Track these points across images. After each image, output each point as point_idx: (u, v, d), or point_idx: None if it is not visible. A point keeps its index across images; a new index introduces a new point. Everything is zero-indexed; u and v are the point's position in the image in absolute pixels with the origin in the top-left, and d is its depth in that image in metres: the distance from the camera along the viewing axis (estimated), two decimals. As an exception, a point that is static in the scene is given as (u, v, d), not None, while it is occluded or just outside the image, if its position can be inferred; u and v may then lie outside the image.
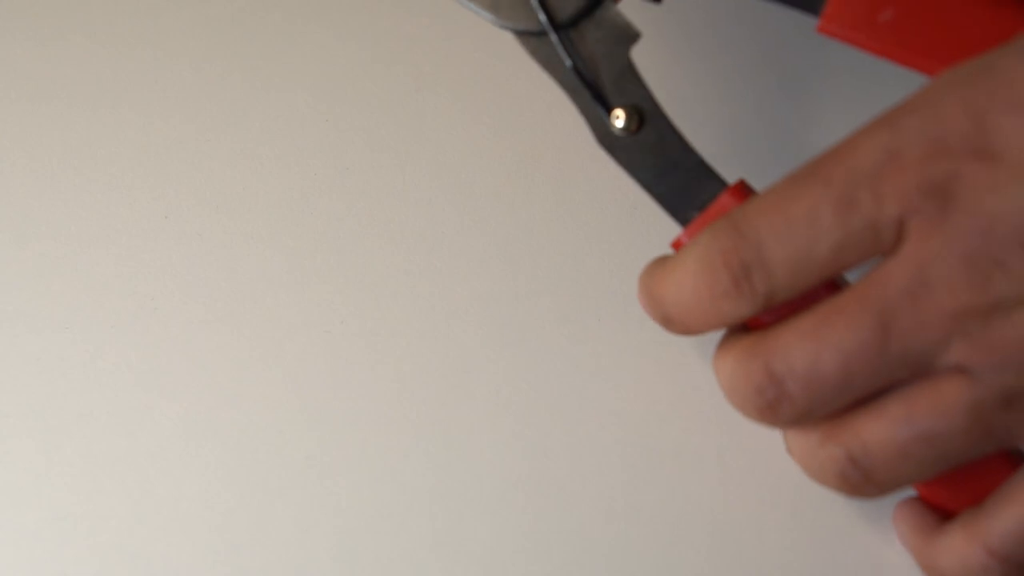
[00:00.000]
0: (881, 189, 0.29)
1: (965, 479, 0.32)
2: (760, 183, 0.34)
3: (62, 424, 0.41)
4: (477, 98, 0.44)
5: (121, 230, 0.44)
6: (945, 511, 0.34)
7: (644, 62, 0.36)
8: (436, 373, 0.41)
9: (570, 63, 0.35)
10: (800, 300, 0.32)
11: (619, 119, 0.35)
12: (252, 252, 0.38)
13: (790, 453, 0.33)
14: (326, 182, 0.44)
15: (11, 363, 0.42)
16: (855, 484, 0.32)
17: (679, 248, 0.34)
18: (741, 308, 0.31)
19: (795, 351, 0.30)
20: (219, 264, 0.42)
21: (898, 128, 0.29)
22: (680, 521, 0.38)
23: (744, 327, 0.33)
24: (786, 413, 0.31)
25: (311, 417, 0.41)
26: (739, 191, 0.34)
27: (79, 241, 0.44)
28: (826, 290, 0.32)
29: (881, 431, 0.31)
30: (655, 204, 0.35)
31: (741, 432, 0.38)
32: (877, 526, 0.37)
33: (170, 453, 0.41)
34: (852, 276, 0.31)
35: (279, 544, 0.39)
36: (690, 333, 0.33)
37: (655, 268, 0.33)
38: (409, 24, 0.45)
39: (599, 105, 0.35)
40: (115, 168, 0.45)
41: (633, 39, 0.35)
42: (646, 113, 0.35)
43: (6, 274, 0.43)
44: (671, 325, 0.33)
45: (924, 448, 0.30)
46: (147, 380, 0.42)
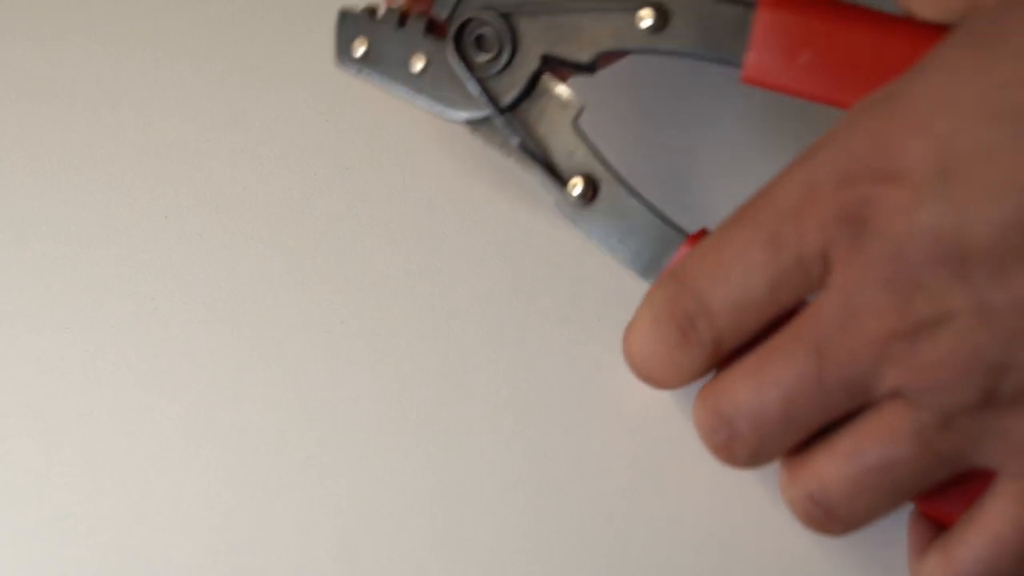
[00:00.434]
0: (802, 223, 0.30)
1: (955, 492, 0.33)
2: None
3: (62, 424, 0.41)
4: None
5: (121, 230, 0.44)
6: (942, 525, 0.34)
7: (592, 130, 0.37)
8: (436, 373, 0.41)
9: (518, 141, 0.36)
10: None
11: (575, 188, 0.36)
12: (252, 252, 0.38)
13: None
14: (326, 182, 0.44)
15: (11, 363, 0.42)
16: (821, 523, 0.32)
17: None
18: (695, 358, 0.32)
19: (740, 390, 0.31)
20: (219, 264, 0.42)
21: (813, 162, 0.30)
22: (681, 522, 0.39)
23: None
24: (741, 452, 0.32)
25: (311, 417, 0.41)
26: (697, 240, 0.35)
27: (79, 241, 0.44)
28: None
29: (835, 468, 0.31)
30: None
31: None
32: (880, 531, 0.37)
33: (170, 453, 0.41)
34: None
35: (279, 544, 0.39)
36: (667, 387, 0.33)
37: (627, 327, 0.34)
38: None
39: (553, 178, 0.36)
40: (115, 168, 0.45)
41: (577, 110, 0.36)
42: (600, 180, 0.36)
43: (6, 274, 0.43)
44: (649, 382, 0.34)
45: (877, 480, 0.31)
46: (147, 380, 0.42)
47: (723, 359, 0.32)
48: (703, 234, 0.35)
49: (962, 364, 0.29)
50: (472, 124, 0.37)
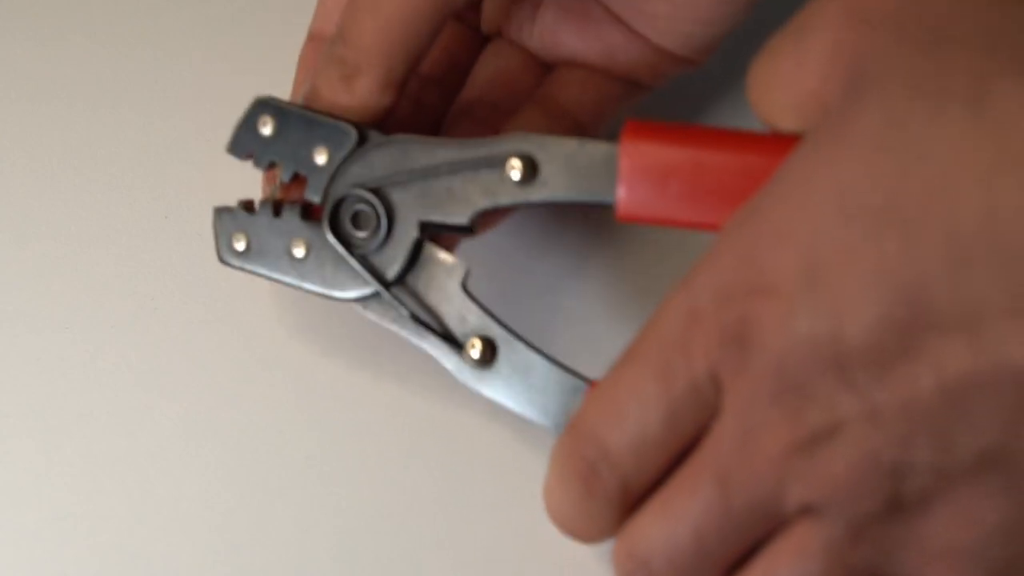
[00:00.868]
0: (688, 350, 0.29)
1: None
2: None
3: (62, 424, 0.41)
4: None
5: (121, 230, 0.44)
6: None
7: (478, 290, 0.37)
8: (436, 372, 0.41)
9: (407, 313, 0.36)
10: None
11: (474, 351, 0.36)
12: None
13: None
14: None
15: (11, 363, 0.42)
16: None
17: None
18: (603, 506, 0.31)
19: (650, 530, 0.30)
20: (219, 264, 0.42)
21: (691, 287, 0.29)
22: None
23: None
24: None
25: (311, 417, 0.41)
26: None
27: (79, 241, 0.44)
28: None
29: None
30: None
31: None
32: None
33: (170, 453, 0.41)
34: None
35: (279, 544, 0.39)
36: (591, 540, 0.33)
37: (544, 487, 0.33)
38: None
39: (449, 345, 0.36)
40: (115, 168, 0.45)
41: (462, 273, 0.36)
42: (496, 340, 0.36)
43: (6, 274, 0.43)
44: (574, 538, 0.33)
45: None
46: (147, 380, 0.42)
47: (637, 501, 0.31)
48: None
49: (861, 471, 0.28)
50: (362, 302, 0.37)
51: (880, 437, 0.28)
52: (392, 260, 0.36)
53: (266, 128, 0.37)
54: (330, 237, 0.36)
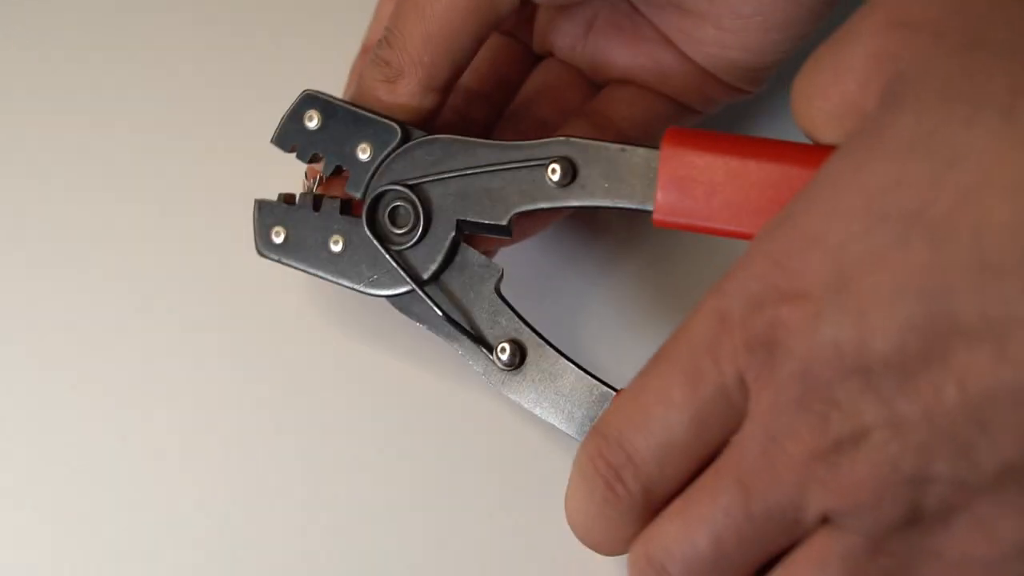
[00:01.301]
0: (718, 355, 0.29)
1: None
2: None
3: (61, 424, 0.41)
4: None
5: (121, 230, 0.44)
6: None
7: (514, 294, 0.37)
8: (436, 372, 0.41)
9: (441, 313, 0.36)
10: None
11: (503, 355, 0.36)
12: (253, 254, 0.38)
13: None
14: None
15: (11, 363, 0.42)
16: None
17: None
18: (625, 512, 0.31)
19: (669, 534, 0.30)
20: (219, 264, 0.43)
21: (722, 293, 0.29)
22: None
23: None
24: None
25: (311, 417, 0.41)
26: None
27: (79, 241, 0.44)
28: None
29: None
30: None
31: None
32: None
33: (169, 454, 0.40)
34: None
35: (279, 544, 0.39)
36: (609, 550, 0.32)
37: (565, 493, 0.33)
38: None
39: (480, 346, 0.36)
40: (115, 168, 0.45)
41: (497, 276, 0.36)
42: (526, 344, 0.36)
43: (6, 274, 0.43)
44: (592, 547, 0.33)
45: None
46: (146, 381, 0.41)
47: (658, 508, 0.31)
48: None
49: (881, 481, 0.28)
50: (395, 299, 0.37)
51: (902, 447, 0.27)
52: (428, 259, 0.37)
53: (312, 122, 0.37)
54: (367, 232, 0.37)
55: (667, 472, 0.30)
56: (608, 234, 0.43)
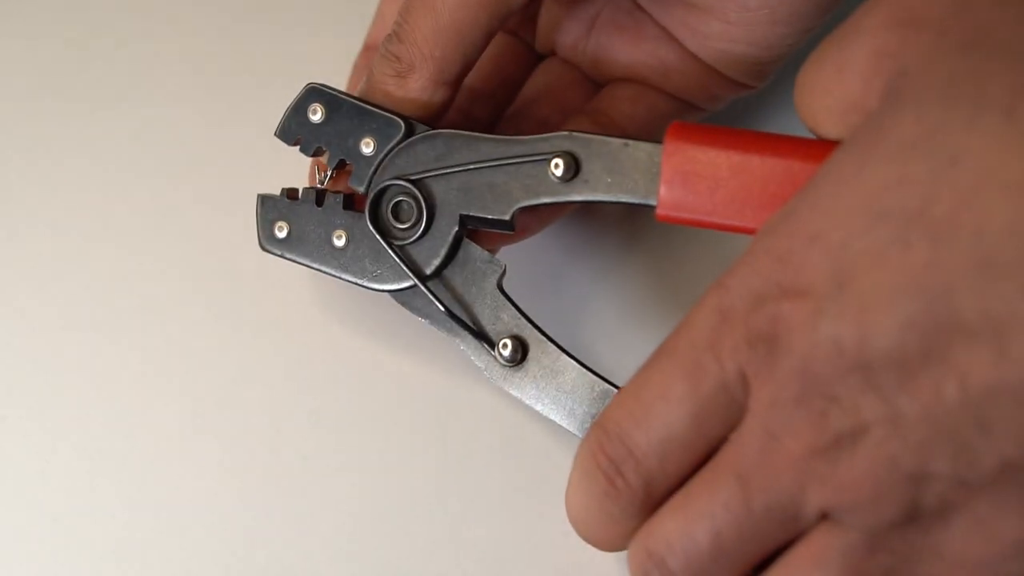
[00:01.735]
0: (719, 350, 0.29)
1: None
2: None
3: (61, 424, 0.41)
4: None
5: (121, 230, 0.44)
6: None
7: (516, 290, 0.37)
8: (436, 372, 0.41)
9: (444, 309, 0.36)
10: None
11: (505, 351, 0.36)
12: (252, 252, 0.38)
13: None
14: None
15: (11, 363, 0.42)
16: None
17: None
18: (625, 507, 0.31)
19: (669, 528, 0.30)
20: (219, 264, 0.43)
21: (724, 289, 0.29)
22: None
23: None
24: None
25: (311, 417, 0.41)
26: None
27: (79, 241, 0.44)
28: None
29: None
30: None
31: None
32: None
33: (170, 453, 0.40)
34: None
35: (279, 544, 0.39)
36: (609, 546, 0.32)
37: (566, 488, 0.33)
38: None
39: (482, 342, 0.36)
40: (115, 168, 0.45)
41: (499, 272, 0.37)
42: (528, 341, 0.36)
43: (7, 274, 0.43)
44: (592, 543, 0.33)
45: None
46: (147, 380, 0.42)
47: (658, 503, 0.31)
48: None
49: (881, 478, 0.28)
50: (397, 294, 0.37)
51: (901, 444, 0.27)
52: (431, 254, 0.37)
53: (316, 115, 0.37)
54: (370, 227, 0.37)
55: (668, 467, 0.30)
56: (610, 231, 0.43)
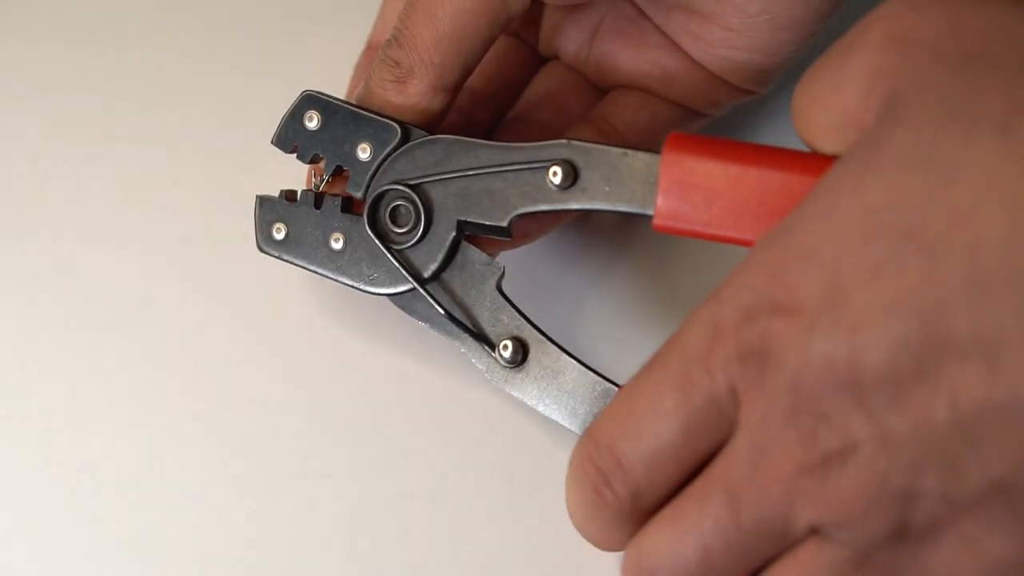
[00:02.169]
0: (711, 363, 0.29)
1: None
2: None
3: (61, 425, 0.41)
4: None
5: (122, 231, 0.44)
6: None
7: (515, 292, 0.37)
8: (437, 381, 0.41)
9: (443, 311, 0.36)
10: None
11: (506, 352, 0.36)
12: (252, 251, 0.38)
13: None
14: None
15: (11, 363, 0.42)
16: None
17: None
18: (613, 516, 0.31)
19: (659, 542, 0.30)
20: (219, 264, 0.42)
21: (717, 302, 0.29)
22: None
23: None
24: None
25: (311, 417, 0.41)
26: None
27: (79, 241, 0.44)
28: None
29: None
30: None
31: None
32: None
33: (170, 453, 0.41)
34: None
35: (279, 544, 0.39)
36: (605, 549, 0.33)
37: None
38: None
39: (482, 344, 0.36)
40: (115, 168, 0.45)
41: (498, 273, 0.37)
42: (528, 342, 0.36)
43: (6, 274, 0.43)
44: (593, 545, 0.33)
45: None
46: (147, 380, 0.42)
47: (649, 513, 0.31)
48: None
49: (869, 495, 0.28)
50: (396, 298, 0.37)
51: (890, 463, 0.27)
52: (429, 257, 0.37)
53: (312, 122, 0.37)
54: (368, 231, 0.37)
55: (656, 479, 0.30)
56: (608, 234, 0.43)
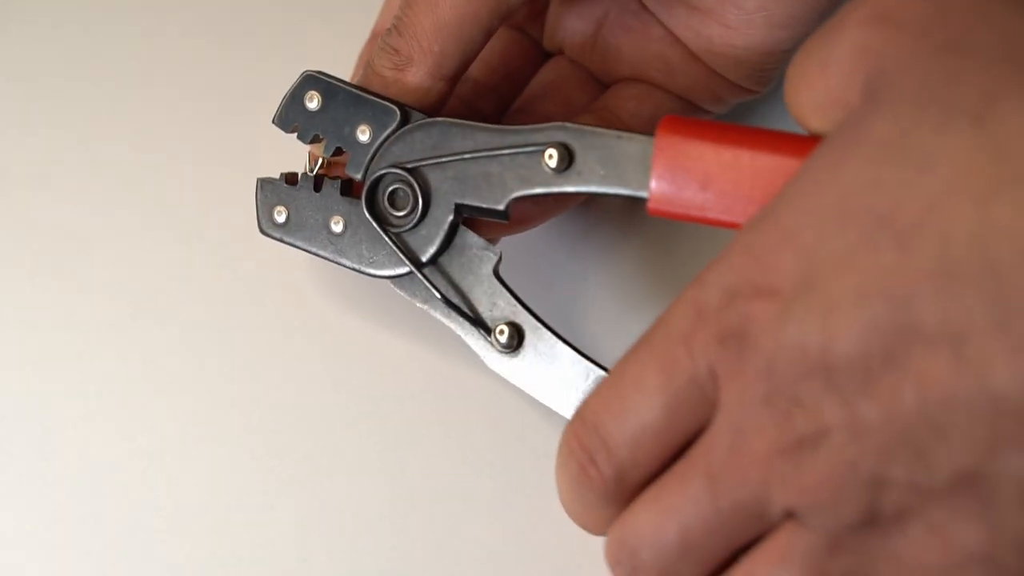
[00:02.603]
0: (692, 344, 0.29)
1: None
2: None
3: (61, 425, 0.41)
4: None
5: (121, 230, 0.44)
6: None
7: (512, 278, 0.37)
8: (436, 371, 0.41)
9: (439, 294, 0.37)
10: None
11: (501, 337, 0.36)
12: (252, 252, 0.38)
13: None
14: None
15: (11, 363, 0.42)
16: None
17: None
18: (598, 495, 0.31)
19: (641, 521, 0.30)
20: (219, 264, 0.42)
21: (701, 284, 0.30)
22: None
23: None
24: None
25: (310, 416, 0.41)
26: None
27: (79, 241, 0.44)
28: None
29: None
30: None
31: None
32: None
33: (169, 454, 0.41)
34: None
35: (278, 544, 0.39)
36: (591, 530, 0.33)
37: None
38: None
39: (478, 328, 0.37)
40: (114, 167, 0.45)
41: (495, 259, 0.37)
42: (524, 327, 0.36)
43: (6, 274, 0.44)
44: (580, 526, 0.33)
45: None
46: (147, 380, 0.42)
47: (634, 493, 0.31)
48: None
49: (840, 481, 0.28)
50: (395, 280, 0.37)
51: (860, 449, 0.27)
52: (427, 241, 0.37)
53: (312, 103, 0.38)
54: (366, 214, 0.37)
55: (639, 458, 0.30)
56: (606, 221, 0.43)
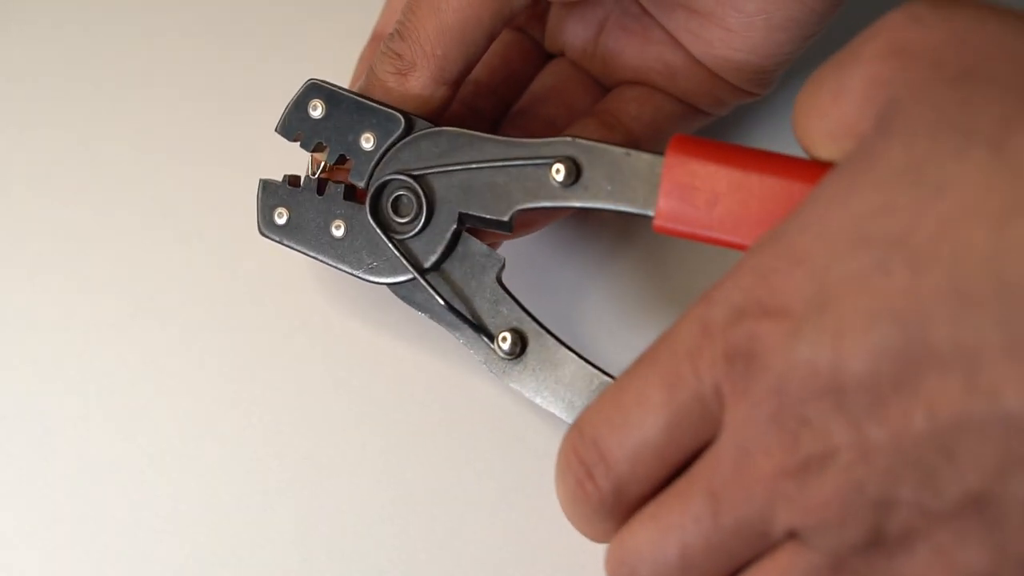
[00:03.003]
0: (698, 362, 0.29)
1: None
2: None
3: (61, 425, 0.41)
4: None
5: (121, 230, 0.44)
6: None
7: (515, 285, 0.37)
8: (437, 371, 0.41)
9: (443, 302, 0.36)
10: None
11: (504, 344, 0.36)
12: (252, 252, 0.38)
13: None
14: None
15: (10, 363, 0.42)
16: None
17: None
18: (596, 509, 0.31)
19: (640, 538, 0.31)
20: (219, 264, 0.42)
21: (708, 301, 0.30)
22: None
23: None
24: None
25: (310, 417, 0.41)
26: None
27: (79, 241, 0.44)
28: None
29: None
30: None
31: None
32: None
33: (169, 454, 0.41)
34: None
35: (278, 544, 0.39)
36: (594, 540, 0.33)
37: None
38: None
39: (481, 335, 0.36)
40: (114, 167, 0.45)
41: (499, 265, 0.37)
42: (527, 334, 0.36)
43: (6, 274, 0.43)
44: (584, 536, 0.33)
45: None
46: (147, 380, 0.42)
47: (633, 508, 0.31)
48: None
49: (846, 502, 0.28)
50: (396, 287, 0.37)
51: (868, 471, 0.28)
52: (429, 248, 0.37)
53: (316, 111, 0.37)
54: (369, 219, 0.37)
55: (639, 473, 0.31)
56: (607, 228, 0.44)
